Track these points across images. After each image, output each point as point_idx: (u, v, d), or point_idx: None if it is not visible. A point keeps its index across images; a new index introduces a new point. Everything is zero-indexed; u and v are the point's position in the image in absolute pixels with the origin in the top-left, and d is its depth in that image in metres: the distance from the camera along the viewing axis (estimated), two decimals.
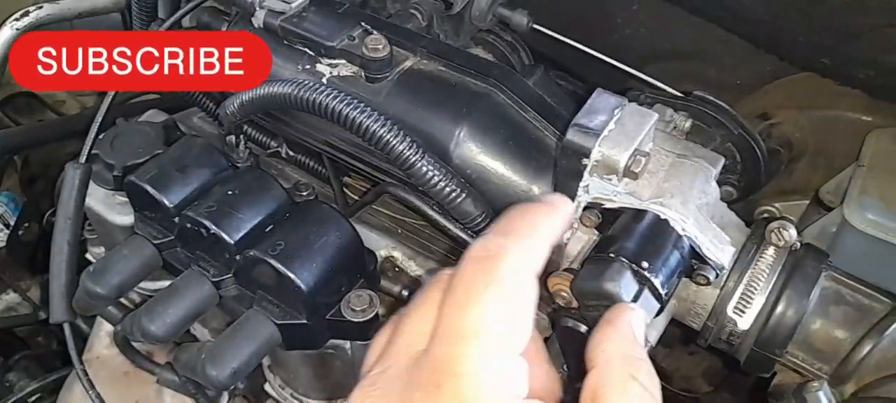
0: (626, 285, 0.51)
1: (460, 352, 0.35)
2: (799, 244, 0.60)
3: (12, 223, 1.38)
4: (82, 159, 0.84)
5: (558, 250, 0.64)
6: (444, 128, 0.69)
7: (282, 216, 0.75)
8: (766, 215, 1.07)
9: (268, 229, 0.73)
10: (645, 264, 0.52)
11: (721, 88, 1.14)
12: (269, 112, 0.80)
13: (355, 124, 0.65)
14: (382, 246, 0.85)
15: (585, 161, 0.57)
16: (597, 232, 0.61)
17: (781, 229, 0.58)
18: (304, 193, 0.83)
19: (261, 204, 0.75)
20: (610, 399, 0.37)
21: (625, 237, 0.55)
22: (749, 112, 1.12)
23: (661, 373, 1.20)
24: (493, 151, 0.68)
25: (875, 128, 0.96)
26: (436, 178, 0.65)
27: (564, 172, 0.59)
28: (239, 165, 0.82)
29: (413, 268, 0.86)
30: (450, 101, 0.70)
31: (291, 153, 0.91)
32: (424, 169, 0.64)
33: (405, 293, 0.84)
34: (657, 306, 0.52)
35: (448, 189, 0.65)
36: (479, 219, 0.67)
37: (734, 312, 0.58)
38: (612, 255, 0.53)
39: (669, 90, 0.71)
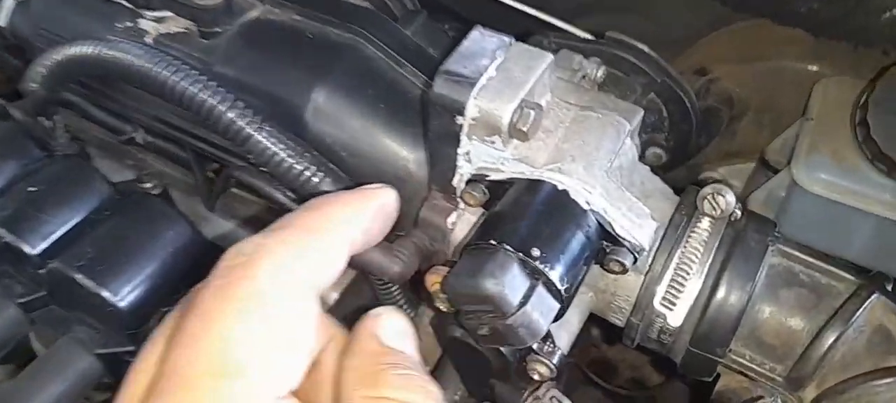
0: (511, 282, 0.38)
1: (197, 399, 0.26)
2: (740, 212, 0.47)
3: None
4: None
5: (442, 237, 0.50)
6: (296, 90, 0.55)
7: (103, 216, 0.59)
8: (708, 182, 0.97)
9: (82, 234, 0.57)
10: (536, 252, 0.39)
11: (654, 45, 1.02)
12: (90, 86, 0.64)
13: (171, 88, 0.50)
14: None
15: (460, 119, 0.43)
16: (485, 212, 0.47)
17: (716, 195, 0.46)
18: (148, 185, 0.68)
19: (75, 203, 0.59)
20: None
21: (511, 217, 0.41)
22: (685, 68, 1.00)
23: (607, 365, 1.09)
24: (359, 117, 0.54)
25: (823, 77, 0.85)
26: (280, 154, 0.50)
27: (437, 136, 0.46)
28: (58, 154, 0.66)
29: None
30: (304, 57, 0.56)
31: (150, 138, 0.75)
32: (264, 143, 0.50)
33: (335, 295, 0.70)
34: (556, 306, 0.39)
35: (297, 167, 0.51)
36: None
37: (662, 305, 0.45)
38: (493, 243, 0.39)
39: (578, 33, 0.58)
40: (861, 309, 0.43)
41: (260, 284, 0.28)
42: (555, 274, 0.39)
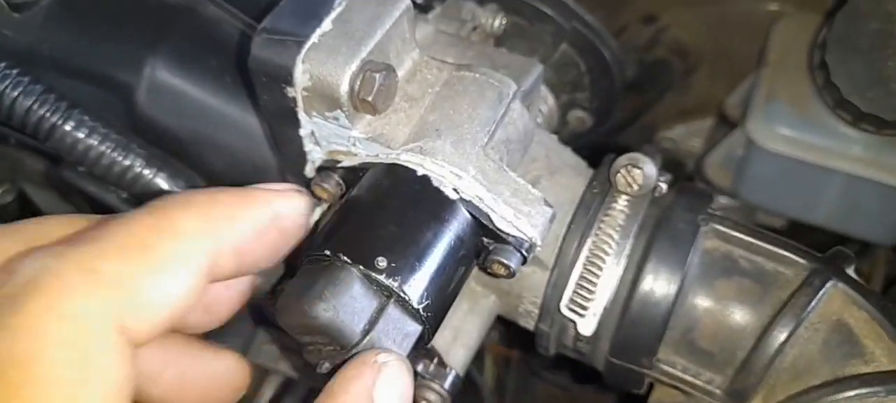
0: (348, 306, 0.29)
1: None
2: (664, 187, 0.38)
3: None
4: None
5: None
6: (124, 67, 0.45)
7: None
8: (664, 144, 0.88)
9: None
10: (382, 263, 0.29)
11: None
12: None
13: None
14: None
15: (290, 90, 0.33)
16: None
17: (632, 167, 0.36)
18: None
19: None
20: None
21: (354, 217, 0.32)
22: (631, 17, 0.90)
23: None
24: (201, 93, 0.44)
25: (784, 17, 0.76)
26: (95, 146, 0.40)
27: (271, 113, 0.36)
28: None
29: None
30: (134, 26, 0.46)
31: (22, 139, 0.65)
32: (73, 134, 0.40)
33: None
34: (416, 330, 0.30)
35: (120, 160, 0.41)
36: None
37: (570, 309, 0.36)
38: (327, 254, 0.29)
39: None
40: (815, 301, 0.34)
41: (21, 340, 0.19)
42: (410, 289, 0.30)
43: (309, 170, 0.38)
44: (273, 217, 0.26)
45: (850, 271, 0.37)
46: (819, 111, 0.58)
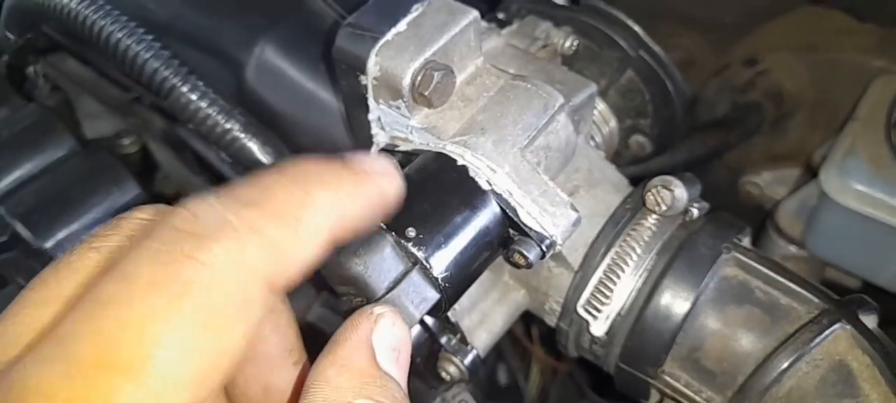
0: (377, 265, 0.34)
1: (60, 387, 0.21)
2: (696, 212, 0.40)
3: None
4: None
5: None
6: (238, 44, 0.52)
7: (58, 167, 0.59)
8: (748, 188, 0.88)
9: (33, 182, 0.58)
10: (412, 232, 0.34)
11: (708, 29, 0.94)
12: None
13: (98, 33, 0.49)
14: None
15: (363, 79, 0.39)
16: None
17: (662, 188, 0.39)
18: (126, 142, 0.68)
19: (34, 153, 0.60)
20: None
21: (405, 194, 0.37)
22: (734, 58, 0.91)
23: None
24: (299, 76, 0.51)
25: (882, 75, 0.75)
26: (203, 108, 0.48)
27: (348, 98, 0.42)
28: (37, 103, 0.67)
29: None
30: (251, 12, 0.54)
31: (152, 98, 0.75)
32: (186, 95, 0.48)
33: None
34: (434, 297, 0.35)
35: (222, 123, 0.48)
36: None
37: (586, 310, 0.40)
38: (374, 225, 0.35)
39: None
40: (820, 337, 0.36)
41: (208, 275, 0.22)
42: (434, 260, 0.34)
43: (373, 151, 0.44)
44: (380, 195, 0.28)
45: (870, 319, 0.38)
46: (893, 171, 0.58)
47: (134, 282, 0.22)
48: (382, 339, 0.28)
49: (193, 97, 0.48)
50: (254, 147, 0.49)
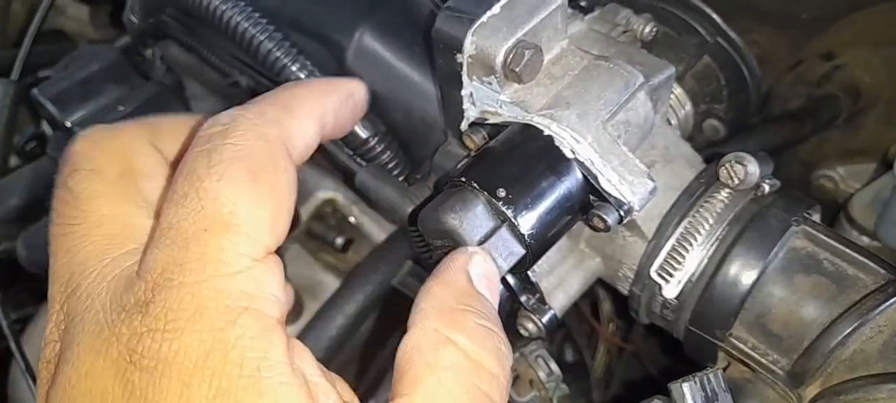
0: (470, 220, 0.38)
1: (186, 255, 0.27)
2: (767, 187, 0.43)
3: None
4: (14, 76, 0.79)
5: None
6: (340, 29, 0.57)
7: None
8: (822, 181, 0.88)
9: None
10: (502, 193, 0.38)
11: (784, 24, 0.94)
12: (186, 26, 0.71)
13: (219, 17, 0.54)
14: (322, 188, 0.75)
15: (459, 57, 0.43)
16: None
17: (735, 163, 0.42)
18: None
19: None
20: (417, 371, 0.29)
21: (488, 159, 0.41)
22: (813, 53, 0.91)
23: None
24: (395, 59, 0.56)
25: None
26: None
27: (443, 76, 0.46)
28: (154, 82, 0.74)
29: (355, 214, 0.76)
30: (353, 0, 0.58)
31: (251, 83, 0.82)
32: (296, 73, 0.53)
33: (340, 241, 0.74)
34: (520, 252, 0.39)
35: None
36: (370, 142, 0.55)
37: (659, 274, 0.43)
38: (463, 181, 0.39)
39: None
40: (884, 306, 0.38)
41: (240, 146, 0.29)
42: (521, 219, 0.38)
43: (464, 126, 0.48)
44: (349, 93, 0.36)
45: None
46: None
47: (191, 175, 0.29)
48: (476, 269, 0.34)
49: (302, 76, 0.53)
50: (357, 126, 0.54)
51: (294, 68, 0.53)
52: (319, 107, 0.34)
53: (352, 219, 0.76)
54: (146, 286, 0.27)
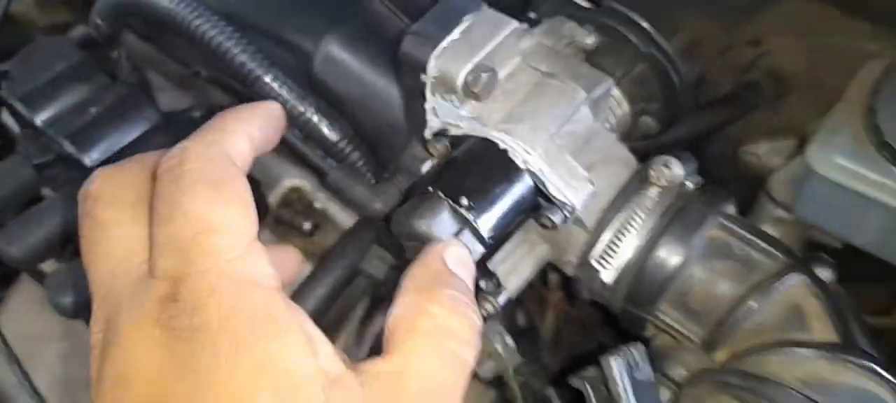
0: (439, 224, 0.45)
1: (194, 251, 0.34)
2: (691, 185, 0.51)
3: None
4: None
5: None
6: (307, 38, 0.63)
7: (152, 139, 0.71)
8: (747, 157, 0.97)
9: (130, 152, 0.69)
10: (465, 201, 0.45)
11: (714, 12, 1.03)
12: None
13: (194, 31, 0.59)
14: (288, 175, 0.81)
15: (423, 77, 0.50)
16: None
17: (663, 166, 0.50)
18: (198, 116, 0.79)
19: (127, 126, 0.71)
20: (399, 336, 0.37)
21: (453, 169, 0.48)
22: (741, 39, 1.00)
23: None
24: (362, 68, 0.62)
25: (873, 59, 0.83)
26: (283, 94, 0.59)
27: (408, 91, 0.53)
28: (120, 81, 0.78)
29: (320, 200, 0.81)
30: (318, 7, 0.64)
31: (211, 73, 0.86)
32: (269, 84, 0.58)
33: (308, 225, 0.80)
34: (480, 250, 0.46)
35: (298, 109, 0.59)
36: (340, 145, 0.61)
37: (598, 262, 0.51)
38: (431, 189, 0.46)
39: (577, 1, 0.62)
40: (781, 285, 0.47)
41: (198, 167, 0.36)
42: (480, 221, 0.45)
43: (427, 134, 0.54)
44: (268, 113, 0.45)
45: (825, 272, 0.49)
46: (869, 147, 0.67)
47: (168, 197, 0.36)
48: (451, 255, 0.42)
49: (275, 85, 0.59)
50: (323, 127, 0.60)
51: (267, 79, 0.59)
52: (246, 127, 0.41)
53: (318, 205, 0.82)
54: (168, 283, 0.34)
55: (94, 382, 0.35)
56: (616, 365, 0.42)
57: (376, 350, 0.38)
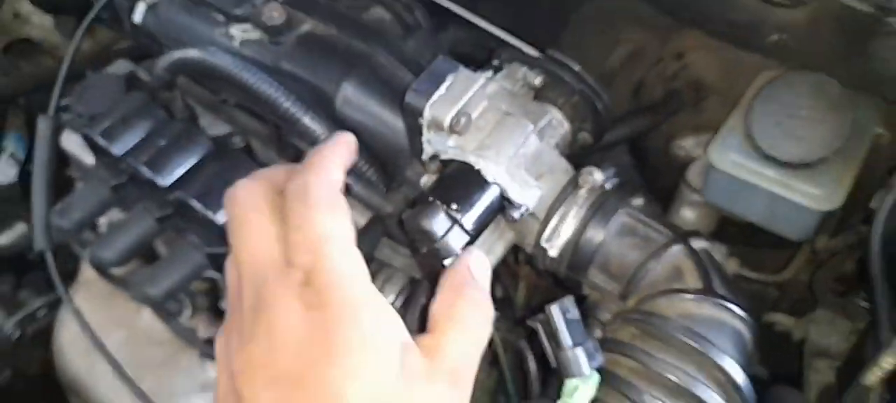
0: (437, 223, 0.68)
1: (321, 252, 0.45)
2: (609, 185, 0.75)
3: (22, 159, 1.60)
4: (50, 112, 1.03)
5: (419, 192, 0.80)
6: (329, 85, 0.85)
7: (209, 163, 0.92)
8: (676, 150, 1.21)
9: (195, 174, 0.91)
10: (454, 206, 0.68)
11: (650, 28, 1.26)
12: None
13: (248, 86, 0.81)
14: None
15: (420, 119, 0.72)
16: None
17: (588, 174, 0.73)
18: (237, 139, 1.01)
19: (188, 154, 0.92)
20: (438, 320, 0.49)
21: (445, 184, 0.71)
22: (669, 51, 1.24)
23: None
24: (372, 106, 0.84)
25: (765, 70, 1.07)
26: (318, 132, 0.81)
27: (410, 128, 0.75)
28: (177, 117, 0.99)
29: None
30: (338, 60, 0.86)
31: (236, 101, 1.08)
32: (308, 124, 0.81)
33: None
34: (466, 239, 0.69)
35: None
36: (359, 164, 0.83)
37: (545, 243, 0.74)
38: (431, 199, 0.69)
39: (526, 50, 0.85)
40: (667, 254, 0.70)
41: (317, 192, 0.48)
42: (466, 220, 0.68)
43: (424, 157, 0.77)
44: (349, 143, 0.57)
45: (702, 242, 0.73)
46: (750, 147, 0.91)
47: (297, 209, 0.47)
48: (474, 262, 0.55)
49: (312, 126, 0.81)
50: None
51: (305, 120, 0.81)
52: (340, 158, 0.54)
53: None
54: (303, 273, 0.45)
55: (247, 332, 0.45)
56: (554, 310, 0.64)
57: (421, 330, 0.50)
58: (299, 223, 0.47)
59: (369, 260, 0.92)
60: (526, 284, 1.07)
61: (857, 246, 0.94)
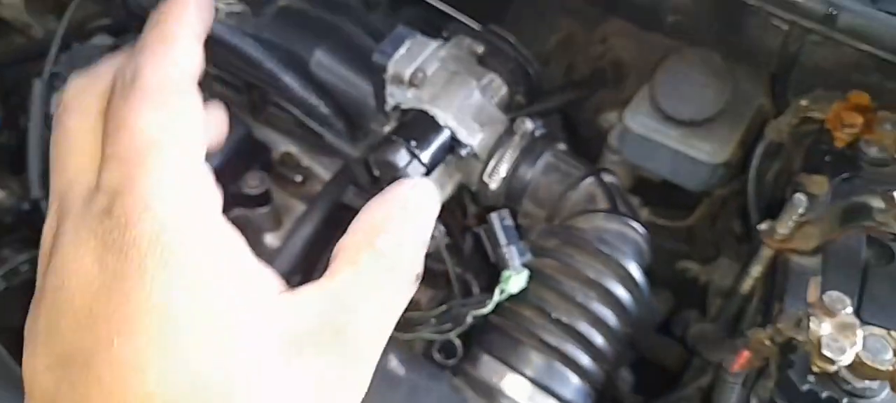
0: (400, 156, 0.84)
1: (137, 165, 0.33)
2: (538, 133, 0.92)
3: None
4: (45, 76, 1.15)
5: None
6: (304, 50, 1.01)
7: None
8: (601, 121, 1.40)
9: None
10: (413, 143, 0.85)
11: (579, 17, 1.44)
12: None
13: (238, 50, 0.96)
14: (282, 144, 1.18)
15: (385, 75, 0.89)
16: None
17: (521, 123, 0.91)
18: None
19: None
20: (339, 264, 0.36)
21: (406, 126, 0.87)
22: (596, 36, 1.43)
23: None
24: (341, 68, 1.00)
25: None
26: (295, 88, 0.96)
27: (375, 83, 0.92)
28: None
29: (305, 161, 1.19)
30: (311, 30, 1.02)
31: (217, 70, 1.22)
32: (287, 81, 0.96)
33: (299, 178, 1.18)
34: (422, 169, 0.86)
35: (303, 95, 0.97)
36: (331, 119, 0.99)
37: (486, 179, 0.91)
38: (394, 138, 0.85)
39: (473, 26, 1.02)
40: (583, 183, 0.89)
41: (147, 83, 0.35)
42: (423, 155, 0.85)
43: (387, 107, 0.93)
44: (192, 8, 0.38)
45: (610, 177, 0.91)
46: (656, 111, 1.11)
47: (121, 115, 0.34)
48: (411, 193, 0.39)
49: (290, 84, 0.96)
50: (321, 107, 0.98)
51: (286, 79, 0.96)
52: (190, 27, 0.38)
53: (304, 163, 1.19)
54: (108, 197, 0.33)
55: (37, 290, 0.34)
56: (494, 217, 0.82)
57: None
58: (115, 128, 0.35)
59: (334, 209, 1.08)
60: (471, 229, 1.25)
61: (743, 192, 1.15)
